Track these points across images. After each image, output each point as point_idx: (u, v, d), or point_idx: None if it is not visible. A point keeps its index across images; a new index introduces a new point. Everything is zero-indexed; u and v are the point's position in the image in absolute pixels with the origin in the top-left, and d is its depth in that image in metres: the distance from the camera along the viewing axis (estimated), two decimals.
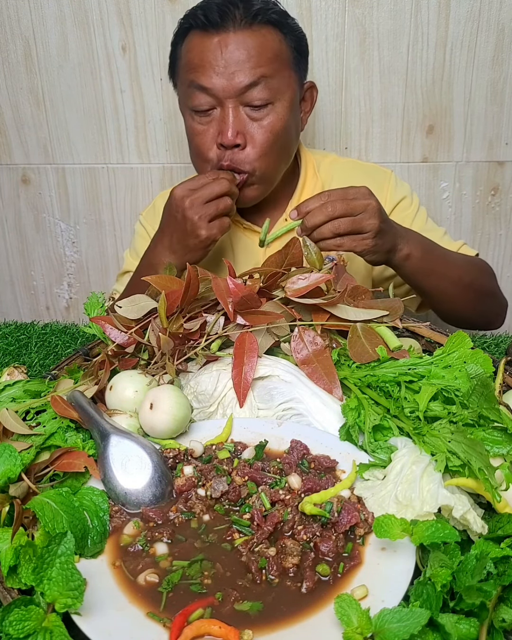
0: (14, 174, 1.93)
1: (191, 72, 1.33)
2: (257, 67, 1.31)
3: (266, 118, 1.34)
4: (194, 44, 1.33)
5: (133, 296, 0.98)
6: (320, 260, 1.02)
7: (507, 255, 1.99)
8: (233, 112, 1.32)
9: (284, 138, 1.38)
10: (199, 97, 1.33)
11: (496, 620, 0.61)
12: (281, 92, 1.35)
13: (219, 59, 1.30)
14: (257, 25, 1.32)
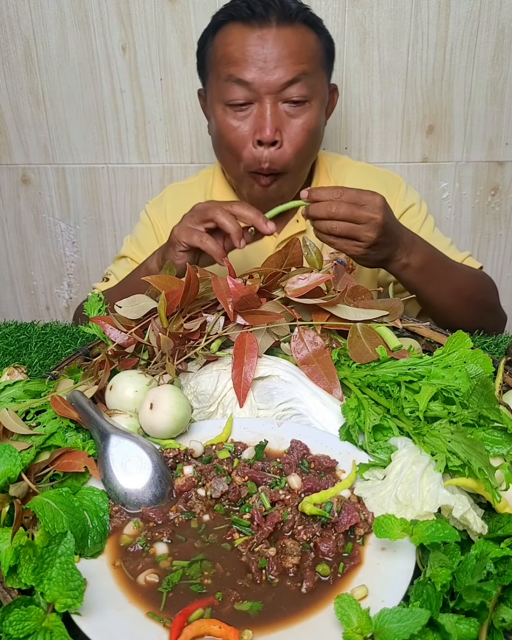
0: (14, 174, 1.94)
1: (230, 65, 1.32)
2: (298, 63, 1.31)
3: (303, 116, 1.33)
4: (234, 37, 1.32)
5: (133, 296, 0.99)
6: (320, 261, 1.02)
7: (507, 255, 1.99)
8: (272, 108, 1.31)
9: (316, 138, 1.39)
10: (237, 90, 1.32)
11: (496, 620, 0.61)
12: (317, 91, 1.36)
13: (260, 54, 1.30)
14: (298, 22, 1.32)
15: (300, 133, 1.33)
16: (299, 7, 1.34)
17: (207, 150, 1.86)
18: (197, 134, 1.85)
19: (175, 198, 1.59)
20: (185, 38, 1.74)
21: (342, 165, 1.59)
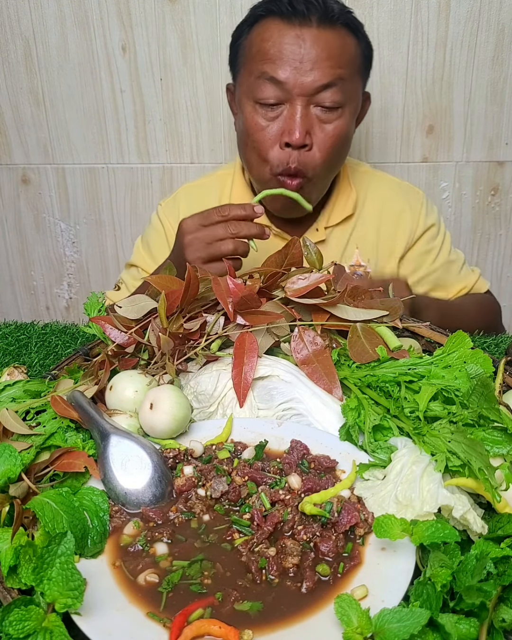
0: (14, 174, 1.94)
1: (265, 62, 1.27)
2: (336, 67, 1.26)
3: (335, 122, 1.29)
4: (272, 33, 1.27)
5: (133, 296, 0.99)
6: (320, 260, 1.02)
7: (507, 255, 1.99)
8: (303, 111, 1.26)
9: (345, 145, 1.35)
10: (269, 89, 1.27)
11: (496, 620, 0.61)
12: (351, 97, 1.31)
13: (297, 53, 1.25)
14: (338, 25, 1.28)
15: (330, 139, 1.29)
16: (342, 10, 1.29)
17: (207, 150, 1.86)
18: (197, 134, 1.85)
19: (189, 200, 1.54)
20: (185, 38, 1.74)
21: (363, 174, 1.55)
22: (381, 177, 1.58)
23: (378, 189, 1.54)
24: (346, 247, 1.51)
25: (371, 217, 1.52)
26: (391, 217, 1.52)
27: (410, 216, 1.52)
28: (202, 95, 1.80)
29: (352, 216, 1.51)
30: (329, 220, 1.49)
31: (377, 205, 1.53)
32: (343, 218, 1.49)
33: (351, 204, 1.49)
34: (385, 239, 1.53)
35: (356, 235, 1.52)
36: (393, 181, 1.59)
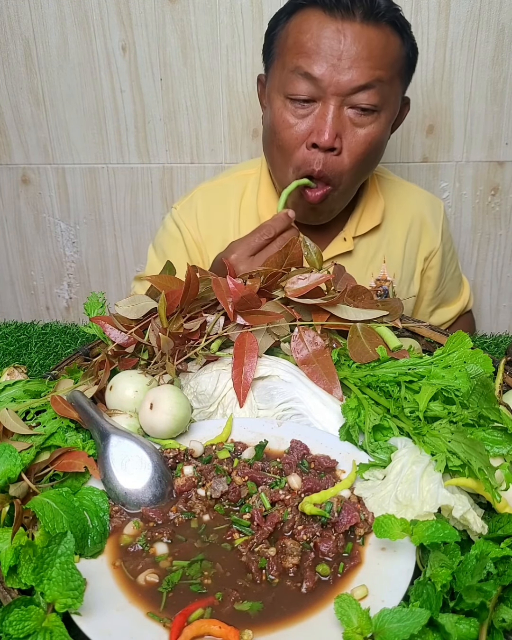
0: (14, 174, 1.93)
1: (301, 56, 1.18)
2: (376, 68, 1.18)
3: (368, 127, 1.21)
4: (311, 25, 1.18)
5: (133, 296, 0.99)
6: (320, 260, 1.02)
7: (507, 255, 1.99)
8: (335, 112, 1.18)
9: (377, 152, 1.27)
10: (302, 84, 1.18)
11: (496, 620, 0.61)
12: (389, 101, 1.23)
13: (336, 49, 1.16)
14: (385, 22, 1.19)
15: (362, 144, 1.21)
16: (389, 7, 1.19)
17: (207, 150, 1.86)
18: (197, 134, 1.85)
19: (206, 202, 1.46)
20: (185, 38, 1.74)
21: (390, 183, 1.49)
22: (408, 186, 1.53)
23: (406, 199, 1.48)
24: (373, 259, 1.45)
25: (399, 229, 1.47)
26: (416, 230, 1.48)
27: (433, 229, 1.48)
28: (202, 95, 1.80)
29: (380, 226, 1.44)
30: (357, 229, 1.42)
31: (407, 217, 1.47)
32: (371, 228, 1.43)
33: (378, 213, 1.43)
34: (410, 253, 1.48)
35: (384, 247, 1.46)
36: (417, 191, 1.53)
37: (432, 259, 1.51)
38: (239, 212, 1.43)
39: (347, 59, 1.16)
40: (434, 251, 1.50)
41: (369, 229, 1.42)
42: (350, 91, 1.17)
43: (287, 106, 1.21)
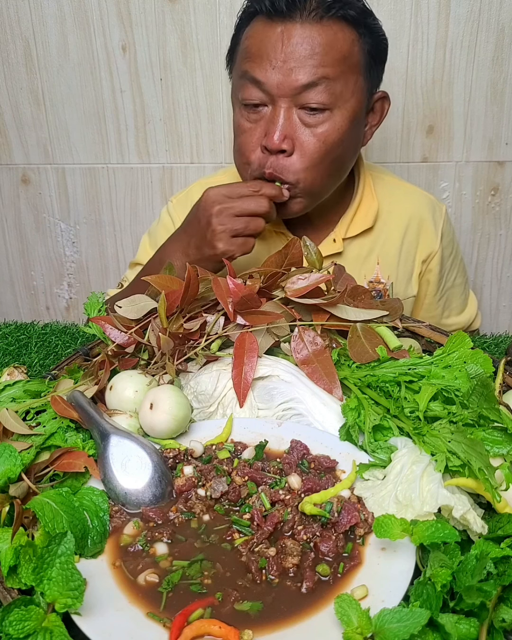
0: (14, 174, 1.94)
1: (246, 61, 1.21)
2: (320, 66, 1.16)
3: (321, 125, 1.20)
4: (255, 31, 1.20)
5: (133, 296, 0.99)
6: (320, 261, 1.02)
7: (507, 255, 1.99)
8: (285, 113, 1.18)
9: (338, 151, 1.24)
10: (251, 90, 1.20)
11: (496, 620, 0.61)
12: (343, 98, 1.20)
13: (278, 52, 1.16)
14: (330, 19, 1.17)
15: (315, 144, 1.19)
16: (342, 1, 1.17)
17: (207, 150, 1.86)
18: (197, 134, 1.85)
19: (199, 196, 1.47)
20: (185, 38, 1.74)
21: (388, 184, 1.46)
22: (407, 187, 1.50)
23: (403, 200, 1.46)
24: (365, 261, 1.44)
25: (395, 230, 1.45)
26: (414, 231, 1.46)
27: (432, 232, 1.46)
28: (202, 95, 1.80)
29: (373, 228, 1.43)
30: (347, 231, 1.41)
31: (404, 219, 1.45)
32: (362, 230, 1.41)
33: (371, 215, 1.41)
34: (407, 255, 1.46)
35: (378, 248, 1.44)
36: (417, 192, 1.51)
37: (431, 261, 1.48)
38: None
39: (290, 60, 1.16)
40: (432, 254, 1.47)
41: (360, 231, 1.41)
42: (295, 91, 1.17)
43: (242, 112, 1.23)
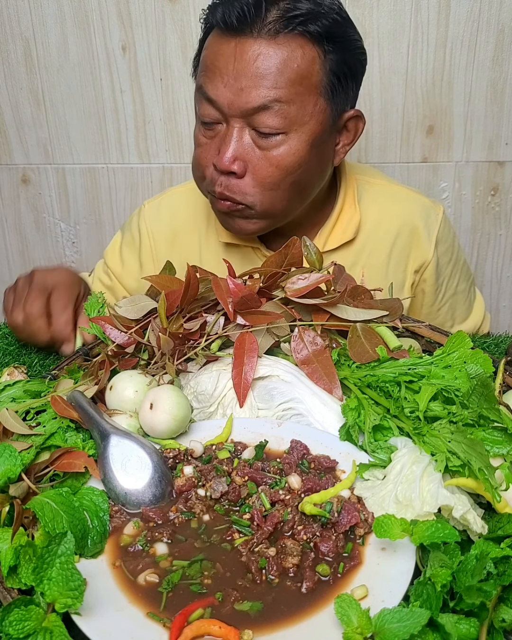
0: (14, 174, 1.94)
1: (201, 75, 1.13)
2: (273, 87, 1.07)
3: (275, 149, 1.11)
4: (212, 43, 1.12)
5: (133, 296, 0.99)
6: (320, 261, 1.02)
7: (507, 255, 1.99)
8: (237, 134, 1.11)
9: (297, 175, 1.15)
10: (205, 107, 1.13)
11: (496, 620, 0.61)
12: (299, 122, 1.11)
13: (230, 68, 1.08)
14: (287, 35, 1.06)
15: (267, 168, 1.11)
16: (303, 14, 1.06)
17: None
18: None
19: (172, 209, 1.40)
20: (185, 38, 1.74)
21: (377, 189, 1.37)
22: (398, 192, 1.40)
23: (393, 206, 1.36)
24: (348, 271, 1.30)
25: (383, 241, 1.36)
26: (405, 239, 1.37)
27: (425, 240, 1.38)
28: None
29: (355, 240, 1.34)
30: (325, 244, 1.33)
31: (393, 228, 1.36)
32: (342, 243, 1.33)
33: (352, 228, 1.33)
34: (396, 265, 1.38)
35: (363, 259, 1.36)
36: (409, 196, 1.40)
37: (425, 271, 1.40)
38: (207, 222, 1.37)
39: (241, 78, 1.07)
40: (425, 264, 1.39)
41: (339, 244, 1.33)
42: (246, 113, 1.09)
43: (200, 127, 1.17)
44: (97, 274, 1.50)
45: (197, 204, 1.37)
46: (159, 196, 1.45)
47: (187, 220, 1.38)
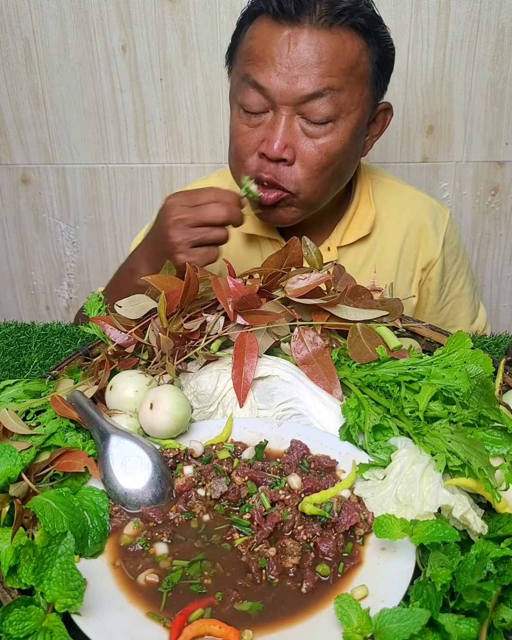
0: (14, 174, 1.94)
1: (249, 64, 1.15)
2: (326, 75, 1.12)
3: (324, 137, 1.15)
4: (260, 31, 1.15)
5: (133, 296, 0.98)
6: (320, 261, 1.02)
7: (507, 255, 1.99)
8: (286, 122, 1.14)
9: (339, 163, 1.19)
10: (252, 95, 1.15)
11: (496, 620, 0.61)
12: (348, 110, 1.16)
13: (284, 57, 1.11)
14: (339, 27, 1.12)
15: (316, 155, 1.15)
16: (349, 8, 1.12)
17: (207, 150, 1.87)
18: (197, 134, 1.85)
19: None
20: (185, 38, 1.74)
21: (389, 189, 1.41)
22: (408, 192, 1.45)
23: (404, 205, 1.41)
24: (361, 268, 1.40)
25: (394, 237, 1.40)
26: (414, 238, 1.41)
27: (433, 238, 1.41)
28: (202, 95, 1.80)
29: (370, 236, 1.38)
30: (342, 239, 1.37)
31: (403, 225, 1.40)
32: (358, 238, 1.37)
33: (368, 223, 1.37)
34: (406, 263, 1.42)
35: (375, 256, 1.40)
36: (419, 197, 1.46)
37: (431, 270, 1.44)
38: None
39: (295, 66, 1.11)
40: (432, 262, 1.43)
41: (356, 239, 1.37)
42: (299, 100, 1.13)
43: (241, 115, 1.18)
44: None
45: None
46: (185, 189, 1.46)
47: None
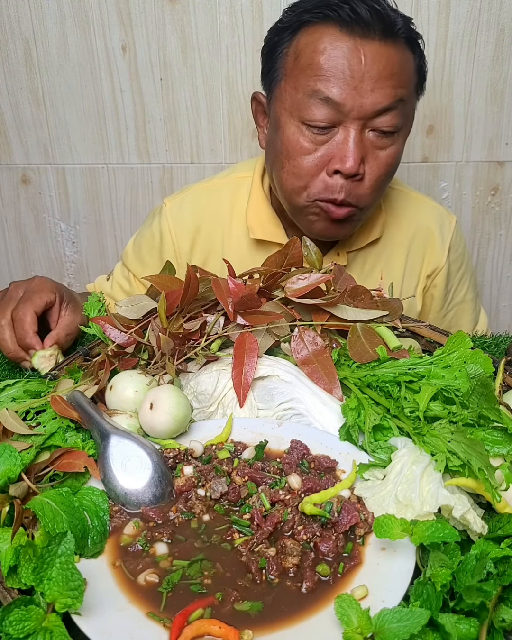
0: (14, 174, 1.93)
1: (319, 78, 1.10)
2: (398, 87, 1.11)
3: (389, 148, 1.15)
4: (327, 44, 1.09)
5: (133, 296, 0.99)
6: (320, 261, 1.02)
7: (507, 255, 1.99)
8: (357, 136, 1.11)
9: (393, 173, 1.22)
10: (321, 110, 1.10)
11: (496, 620, 0.61)
12: (408, 120, 1.18)
13: (357, 70, 1.08)
14: (399, 38, 1.12)
15: (383, 167, 1.15)
16: (405, 21, 1.12)
17: (207, 150, 1.86)
18: (197, 134, 1.85)
19: (195, 206, 1.39)
20: (185, 38, 1.74)
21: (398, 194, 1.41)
22: (416, 198, 1.45)
23: (411, 211, 1.41)
24: (369, 274, 1.39)
25: (400, 243, 1.40)
26: (420, 244, 1.41)
27: (439, 245, 1.41)
28: (202, 95, 1.80)
29: (379, 240, 1.38)
30: (352, 244, 1.36)
31: (410, 230, 1.40)
32: (368, 242, 1.36)
33: (378, 227, 1.37)
34: (411, 270, 1.42)
35: (382, 262, 1.40)
36: (426, 203, 1.45)
37: (436, 277, 1.44)
38: (230, 218, 1.38)
39: (368, 80, 1.08)
40: (438, 269, 1.43)
41: (365, 244, 1.36)
42: (373, 114, 1.11)
43: (304, 132, 1.13)
44: (117, 279, 1.48)
45: (220, 201, 1.38)
46: (179, 194, 1.44)
47: (210, 217, 1.38)
